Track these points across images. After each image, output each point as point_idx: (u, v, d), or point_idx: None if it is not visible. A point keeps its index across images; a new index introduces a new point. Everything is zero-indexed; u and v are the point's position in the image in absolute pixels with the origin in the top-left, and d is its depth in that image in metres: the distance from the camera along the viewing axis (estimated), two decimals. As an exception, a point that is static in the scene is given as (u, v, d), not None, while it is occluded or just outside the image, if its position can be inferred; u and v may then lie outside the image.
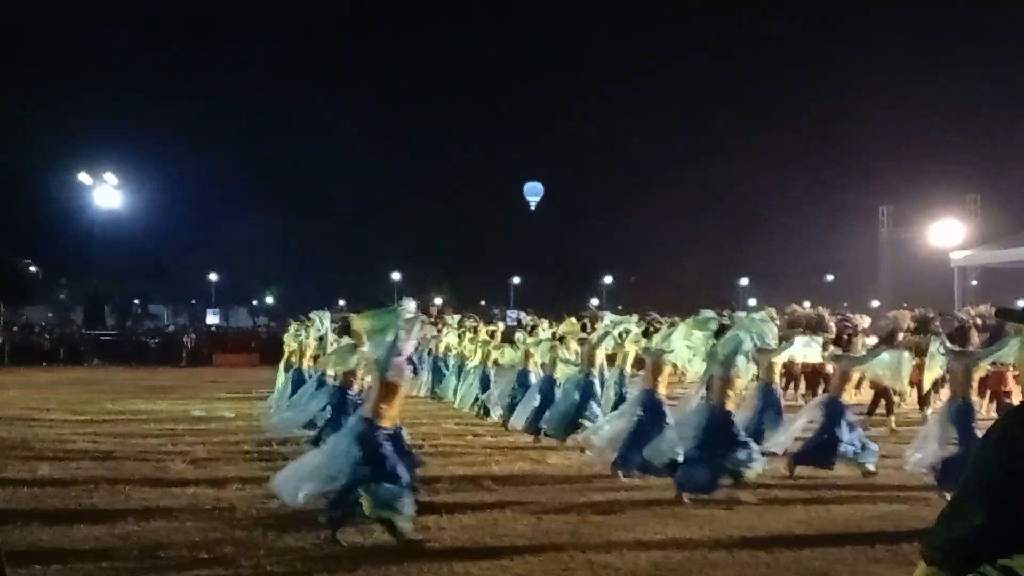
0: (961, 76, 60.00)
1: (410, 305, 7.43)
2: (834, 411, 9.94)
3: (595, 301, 59.27)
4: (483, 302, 63.63)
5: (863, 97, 68.37)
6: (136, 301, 72.47)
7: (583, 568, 6.41)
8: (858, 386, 18.07)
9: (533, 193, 68.91)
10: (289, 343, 16.61)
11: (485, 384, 15.99)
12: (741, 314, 10.95)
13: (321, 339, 14.06)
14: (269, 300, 72.55)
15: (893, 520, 7.53)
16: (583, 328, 12.85)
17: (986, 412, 16.08)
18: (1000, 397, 15.65)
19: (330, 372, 12.14)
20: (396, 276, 70.54)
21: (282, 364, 17.27)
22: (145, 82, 71.58)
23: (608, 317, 13.48)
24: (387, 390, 7.05)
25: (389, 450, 6.97)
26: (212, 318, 62.47)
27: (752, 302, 44.36)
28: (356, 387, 10.63)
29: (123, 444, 12.55)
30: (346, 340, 10.43)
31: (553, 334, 13.90)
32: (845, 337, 10.04)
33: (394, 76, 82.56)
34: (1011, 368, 16.57)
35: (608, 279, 72.66)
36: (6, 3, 58.32)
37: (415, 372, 16.69)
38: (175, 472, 10.19)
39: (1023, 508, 2.01)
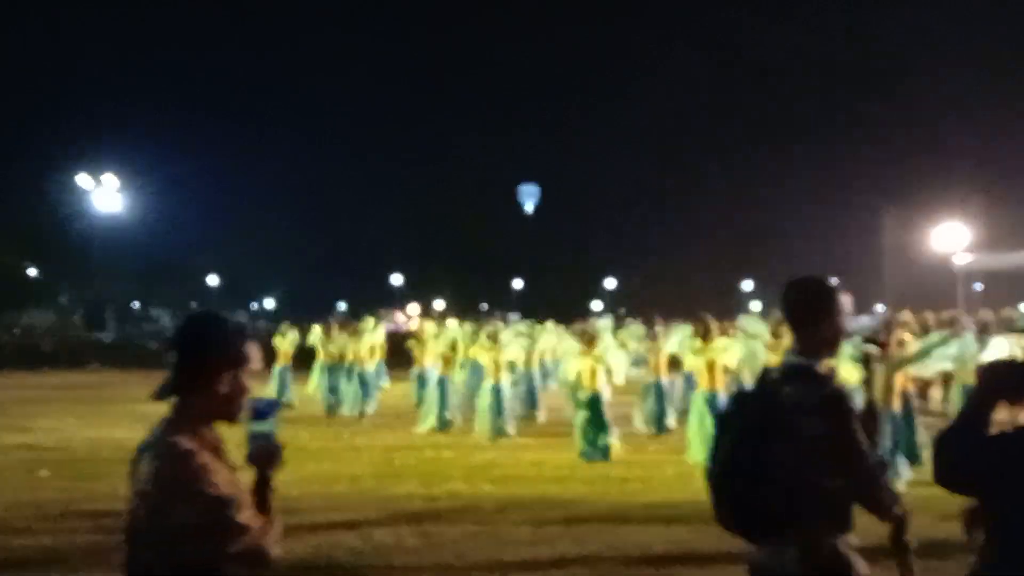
0: (964, 81, 60.08)
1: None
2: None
3: (595, 304, 59.28)
4: (485, 305, 63.60)
5: (866, 101, 68.43)
6: (136, 304, 72.49)
7: (584, 573, 6.34)
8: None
9: (527, 196, 67.48)
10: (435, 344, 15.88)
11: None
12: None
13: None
14: (269, 303, 72.54)
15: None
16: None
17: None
18: None
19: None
20: (398, 279, 70.54)
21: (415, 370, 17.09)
22: (145, 85, 71.79)
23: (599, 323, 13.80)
24: None
25: None
26: (213, 321, 62.20)
27: (755, 305, 44.27)
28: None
29: (124, 447, 12.47)
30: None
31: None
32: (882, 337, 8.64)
33: (396, 79, 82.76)
34: None
35: (611, 282, 72.54)
36: (5, 5, 58.46)
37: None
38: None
39: None
